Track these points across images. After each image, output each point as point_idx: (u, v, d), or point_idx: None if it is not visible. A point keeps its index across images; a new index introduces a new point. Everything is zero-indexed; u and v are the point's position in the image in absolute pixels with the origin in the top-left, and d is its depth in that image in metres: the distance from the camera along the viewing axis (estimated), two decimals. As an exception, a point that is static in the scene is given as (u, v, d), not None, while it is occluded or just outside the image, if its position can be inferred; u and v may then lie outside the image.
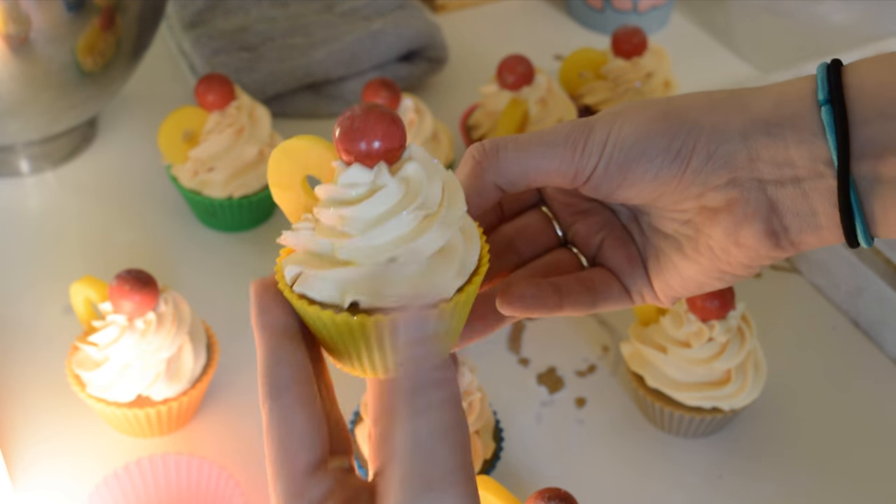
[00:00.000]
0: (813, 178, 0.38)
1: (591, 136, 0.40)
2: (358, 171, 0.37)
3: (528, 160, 0.40)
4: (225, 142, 0.74)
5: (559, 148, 0.40)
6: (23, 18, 0.70)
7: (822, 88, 0.38)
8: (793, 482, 0.63)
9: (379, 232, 0.37)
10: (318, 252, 0.38)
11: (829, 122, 0.37)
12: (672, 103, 0.40)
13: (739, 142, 0.39)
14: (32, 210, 0.82)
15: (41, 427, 0.65)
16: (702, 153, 0.39)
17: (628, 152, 0.40)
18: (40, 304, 0.73)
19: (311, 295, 0.37)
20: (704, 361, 0.61)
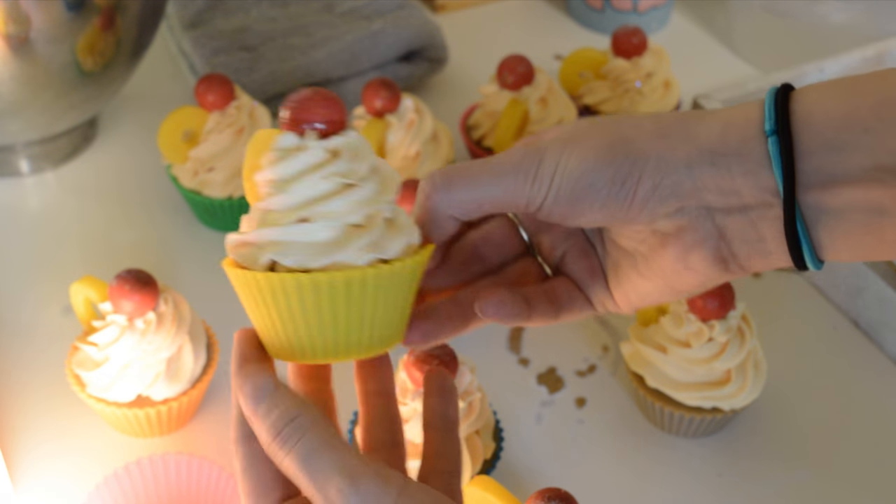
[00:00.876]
0: (760, 207, 0.39)
1: (541, 166, 0.40)
2: (288, 137, 0.39)
3: (479, 190, 0.41)
4: (225, 142, 0.74)
5: (509, 178, 0.40)
6: (23, 18, 0.70)
7: (768, 118, 0.38)
8: (793, 482, 0.63)
9: (293, 190, 0.38)
10: (254, 219, 0.39)
11: (774, 153, 0.37)
12: (620, 131, 0.40)
13: (685, 172, 0.39)
14: (32, 210, 0.82)
15: (41, 427, 0.65)
16: (647, 183, 0.39)
17: (575, 184, 0.40)
18: (40, 304, 0.73)
19: (238, 260, 0.39)
20: (704, 361, 0.61)
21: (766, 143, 0.38)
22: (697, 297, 0.61)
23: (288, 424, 0.37)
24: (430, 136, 0.77)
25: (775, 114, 0.38)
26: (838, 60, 0.85)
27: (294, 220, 0.38)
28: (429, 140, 0.77)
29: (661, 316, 0.64)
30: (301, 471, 0.37)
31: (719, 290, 0.61)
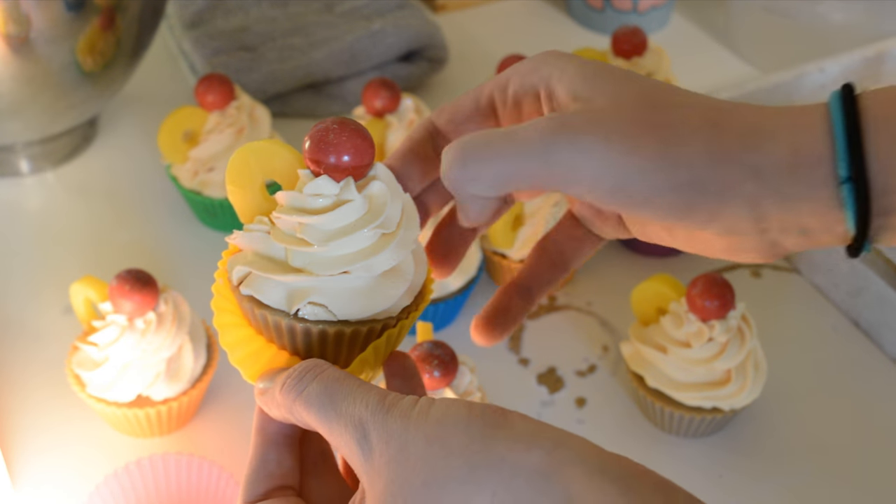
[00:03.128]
0: (823, 231, 0.36)
1: (576, 167, 0.36)
2: (325, 182, 0.38)
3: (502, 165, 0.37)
4: (225, 142, 0.74)
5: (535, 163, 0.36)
6: (23, 18, 0.70)
7: (842, 161, 0.34)
8: (793, 482, 0.63)
9: (338, 245, 0.37)
10: (271, 256, 0.38)
11: (849, 201, 0.35)
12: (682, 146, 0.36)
13: (747, 209, 0.36)
14: (32, 210, 0.82)
15: (41, 427, 0.65)
16: (704, 212, 0.36)
17: (620, 200, 0.37)
18: (40, 304, 0.73)
19: (258, 297, 0.38)
20: (704, 361, 0.61)
21: (838, 186, 0.35)
22: (697, 296, 0.61)
23: (299, 373, 0.37)
24: (430, 136, 0.77)
25: (849, 155, 0.34)
26: (838, 60, 0.85)
27: (336, 273, 0.37)
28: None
29: (661, 316, 0.64)
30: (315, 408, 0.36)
31: (719, 290, 0.61)
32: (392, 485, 0.33)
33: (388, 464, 0.34)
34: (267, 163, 0.39)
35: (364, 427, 0.35)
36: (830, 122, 0.35)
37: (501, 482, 0.32)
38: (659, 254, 0.77)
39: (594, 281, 0.76)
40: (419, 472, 0.33)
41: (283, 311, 0.38)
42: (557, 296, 0.75)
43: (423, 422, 0.34)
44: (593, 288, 0.75)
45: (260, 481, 0.39)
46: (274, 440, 0.40)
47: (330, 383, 0.36)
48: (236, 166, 0.40)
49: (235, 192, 0.40)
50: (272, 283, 0.38)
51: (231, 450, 0.63)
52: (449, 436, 0.33)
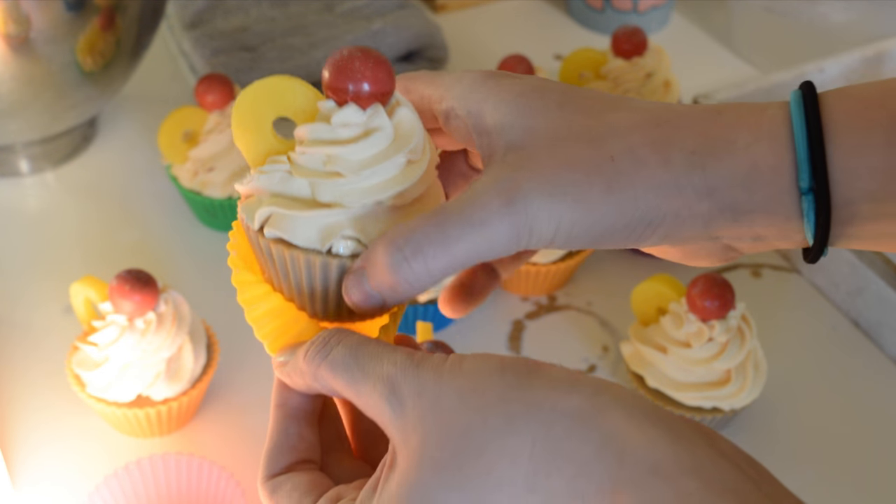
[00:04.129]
0: (779, 239, 0.36)
1: (534, 229, 0.35)
2: (353, 111, 0.36)
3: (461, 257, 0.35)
4: (225, 142, 0.74)
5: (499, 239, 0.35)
6: (23, 18, 0.70)
7: (804, 173, 0.34)
8: (793, 482, 0.63)
9: (370, 174, 0.36)
10: (293, 194, 0.36)
11: (809, 213, 0.34)
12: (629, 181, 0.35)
13: (702, 227, 0.36)
14: (32, 210, 0.82)
15: (41, 427, 0.65)
16: (658, 235, 0.36)
17: (584, 243, 0.36)
18: (40, 304, 0.73)
19: (287, 237, 0.36)
20: (704, 361, 0.61)
21: (797, 197, 0.34)
22: (697, 296, 0.61)
23: (322, 339, 0.36)
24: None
25: (811, 167, 0.33)
26: (838, 60, 0.85)
27: (370, 203, 0.36)
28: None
29: (661, 316, 0.64)
30: (342, 371, 0.35)
31: (719, 290, 0.61)
32: (429, 438, 0.32)
33: (422, 418, 0.33)
34: (279, 100, 0.37)
35: (393, 384, 0.34)
36: (791, 130, 0.34)
37: (541, 429, 0.31)
38: (659, 254, 0.77)
39: (594, 281, 0.76)
40: (455, 423, 0.32)
41: (314, 250, 0.36)
42: (557, 296, 0.75)
43: (457, 374, 0.33)
44: (593, 288, 0.75)
45: (283, 454, 0.38)
46: (294, 415, 0.39)
47: (355, 346, 0.35)
48: (245, 106, 0.38)
49: (244, 135, 0.38)
50: (302, 220, 0.36)
51: (231, 450, 0.63)
52: (484, 386, 0.33)
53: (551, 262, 0.71)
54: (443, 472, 0.32)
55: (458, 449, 0.32)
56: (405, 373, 0.34)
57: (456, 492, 0.32)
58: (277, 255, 0.36)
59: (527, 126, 0.36)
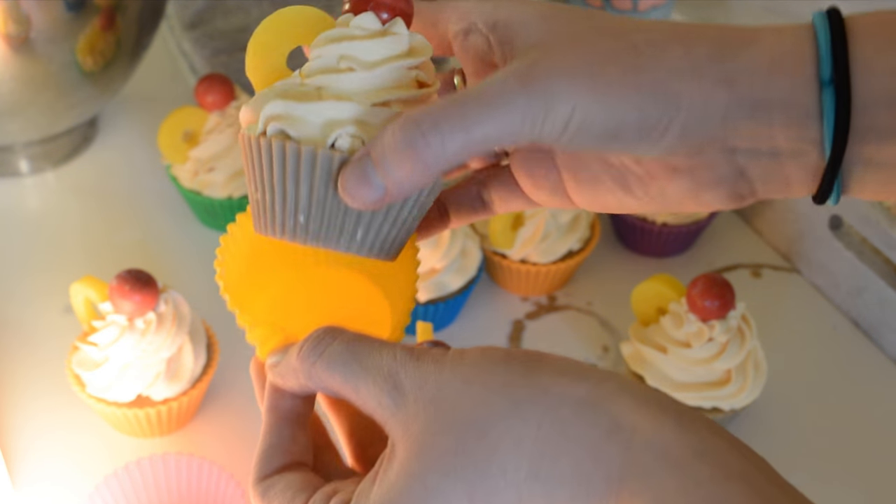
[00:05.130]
0: (794, 154, 0.35)
1: (551, 111, 0.34)
2: (371, 18, 0.36)
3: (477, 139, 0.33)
4: (225, 142, 0.74)
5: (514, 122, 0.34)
6: (23, 18, 0.70)
7: (825, 63, 0.33)
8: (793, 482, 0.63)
9: (383, 72, 0.36)
10: (303, 91, 0.36)
11: (829, 108, 0.34)
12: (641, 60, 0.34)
13: (719, 123, 0.35)
14: (32, 210, 0.82)
15: (41, 427, 0.65)
16: (676, 130, 0.35)
17: (597, 133, 0.34)
18: (40, 304, 0.73)
19: (290, 131, 0.35)
20: (704, 361, 0.61)
21: (818, 91, 0.33)
22: (697, 296, 0.61)
23: (316, 336, 0.36)
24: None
25: (833, 58, 0.33)
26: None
27: (378, 102, 0.35)
28: None
29: (661, 316, 0.64)
30: (339, 367, 0.35)
31: (719, 290, 0.61)
32: (431, 425, 0.32)
33: (424, 407, 0.33)
34: (295, 31, 0.37)
35: (394, 377, 0.33)
36: (814, 30, 0.34)
37: (547, 412, 0.31)
38: (659, 254, 0.77)
39: (594, 281, 0.76)
40: (458, 409, 0.32)
41: (318, 142, 0.35)
42: (557, 296, 0.75)
43: (459, 364, 0.33)
44: (593, 288, 0.75)
45: (275, 457, 0.38)
46: (287, 417, 0.38)
47: (352, 342, 0.35)
48: (262, 37, 0.37)
49: (258, 66, 0.38)
50: (307, 112, 0.35)
51: (231, 450, 0.63)
52: (488, 375, 0.32)
53: (551, 262, 0.71)
54: (444, 458, 0.32)
55: (460, 434, 0.32)
56: (406, 366, 0.34)
57: (457, 479, 0.31)
58: (277, 153, 0.35)
59: (551, 28, 0.36)
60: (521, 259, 0.71)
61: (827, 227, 0.72)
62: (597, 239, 0.73)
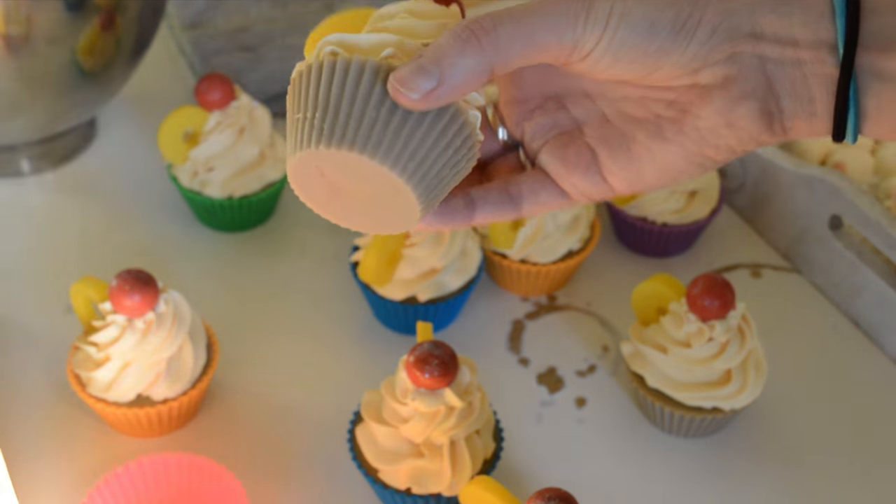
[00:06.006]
0: (815, 63, 0.37)
1: (594, 8, 0.37)
2: None
3: (526, 35, 0.37)
4: (225, 142, 0.74)
5: (560, 20, 0.37)
6: (23, 18, 0.70)
7: None
8: (793, 482, 0.63)
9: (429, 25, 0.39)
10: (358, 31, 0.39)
11: (840, 6, 0.36)
12: None
13: (745, 15, 0.37)
14: (32, 210, 0.82)
15: (41, 427, 0.65)
16: (707, 26, 0.37)
17: (634, 27, 0.37)
18: (40, 304, 0.73)
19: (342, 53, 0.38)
20: (704, 361, 0.61)
21: None
22: (697, 296, 0.61)
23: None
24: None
25: None
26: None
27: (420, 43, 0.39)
28: None
29: (661, 316, 0.64)
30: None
31: (719, 290, 0.61)
32: None
33: None
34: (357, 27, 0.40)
35: None
36: None
37: None
38: (659, 254, 0.77)
39: (594, 281, 0.76)
40: None
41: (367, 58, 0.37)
42: (557, 296, 0.75)
43: None
44: (593, 288, 0.75)
45: None
46: None
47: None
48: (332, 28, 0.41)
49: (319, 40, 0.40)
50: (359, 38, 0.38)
51: (231, 450, 0.63)
52: None
53: (551, 262, 0.71)
54: None
55: None
56: None
57: None
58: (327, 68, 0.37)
59: None
60: (521, 259, 0.71)
61: (827, 227, 0.72)
62: (597, 239, 0.73)
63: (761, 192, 0.78)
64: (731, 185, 0.80)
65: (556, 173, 0.42)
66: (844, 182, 0.70)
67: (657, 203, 0.74)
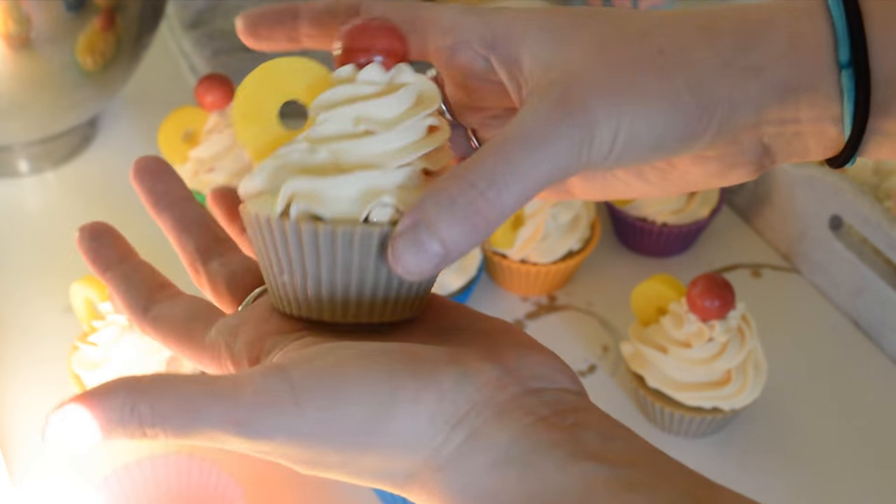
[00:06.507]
0: (815, 133, 0.36)
1: (595, 137, 0.33)
2: (376, 69, 0.34)
3: (530, 186, 0.32)
4: (225, 142, 0.74)
5: (561, 155, 0.33)
6: (23, 18, 0.70)
7: (843, 46, 0.34)
8: (793, 482, 0.63)
9: (403, 129, 0.33)
10: (319, 164, 0.33)
11: (849, 88, 0.34)
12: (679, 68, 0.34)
13: (751, 110, 0.35)
14: (32, 210, 0.82)
15: (41, 427, 0.65)
16: (713, 129, 0.35)
17: (642, 147, 0.34)
18: (40, 304, 0.73)
19: (319, 211, 0.32)
20: (704, 361, 0.61)
21: (837, 72, 0.34)
22: (697, 296, 0.61)
23: None
24: (430, 136, 0.77)
25: (850, 38, 0.34)
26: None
27: (404, 163, 0.33)
28: None
29: (661, 316, 0.64)
30: None
31: (719, 290, 0.61)
32: None
33: None
34: (285, 83, 0.34)
35: None
36: (828, 7, 0.34)
37: None
38: (659, 254, 0.77)
39: (594, 281, 0.76)
40: None
41: (350, 220, 0.32)
42: (557, 296, 0.75)
43: None
44: (593, 288, 0.75)
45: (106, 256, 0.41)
46: None
47: None
48: (248, 94, 0.34)
49: (248, 128, 0.35)
50: (334, 187, 0.32)
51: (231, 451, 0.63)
52: None
53: (551, 263, 0.71)
54: None
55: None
56: None
57: None
58: (307, 236, 0.32)
59: (559, 38, 0.35)
60: (521, 259, 0.71)
61: (827, 227, 0.72)
62: (597, 239, 0.73)
63: (761, 191, 0.78)
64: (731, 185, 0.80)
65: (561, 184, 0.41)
66: (844, 182, 0.70)
67: (657, 203, 0.74)
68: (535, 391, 0.32)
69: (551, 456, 0.30)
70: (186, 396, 0.31)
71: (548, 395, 0.32)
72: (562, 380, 0.33)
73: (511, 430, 0.30)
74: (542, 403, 0.31)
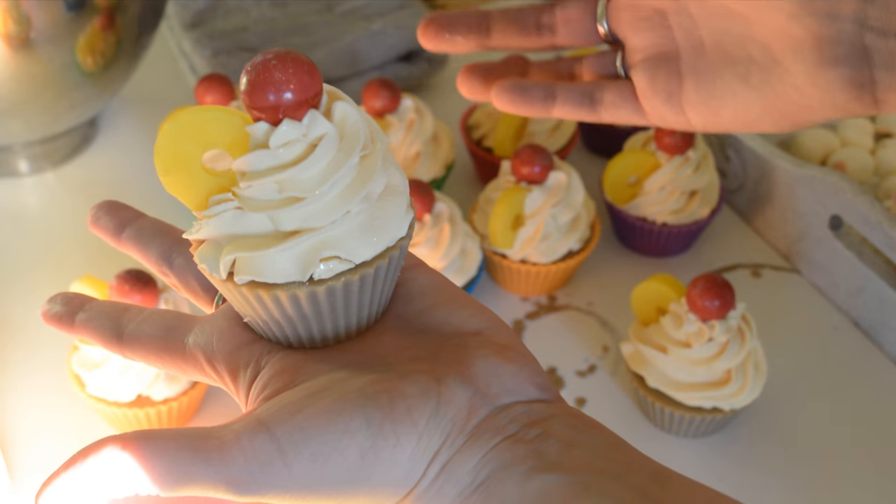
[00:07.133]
0: None
1: None
2: (290, 127, 0.32)
3: None
4: (225, 142, 0.74)
5: None
6: (23, 18, 0.70)
7: None
8: (793, 482, 0.63)
9: (330, 186, 0.33)
10: (253, 232, 0.33)
11: None
12: None
13: None
14: (32, 210, 0.82)
15: (41, 427, 0.65)
16: None
17: None
18: (40, 304, 0.73)
19: (262, 279, 0.33)
20: (705, 361, 0.61)
21: None
22: (697, 296, 0.61)
23: None
24: (430, 136, 0.77)
25: None
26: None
27: (339, 216, 0.33)
28: (429, 140, 0.77)
29: (661, 316, 0.64)
30: None
31: (719, 290, 0.61)
32: None
33: None
34: (203, 134, 0.33)
35: None
36: None
37: None
38: (659, 254, 0.77)
39: (594, 281, 0.76)
40: None
41: (296, 283, 0.33)
42: (557, 296, 0.75)
43: None
44: (593, 288, 0.75)
45: None
46: None
47: None
48: (167, 149, 0.33)
49: (175, 181, 0.34)
50: (273, 256, 0.33)
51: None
52: None
53: (551, 262, 0.71)
54: None
55: None
56: None
57: None
58: (256, 300, 0.34)
59: None
60: (521, 259, 0.71)
61: (827, 227, 0.72)
62: (597, 239, 0.73)
63: (761, 192, 0.78)
64: (731, 185, 0.80)
65: (641, 90, 0.43)
66: (844, 182, 0.70)
67: (657, 203, 0.74)
68: (505, 408, 0.33)
69: (512, 473, 0.31)
70: (177, 461, 0.31)
71: (517, 409, 0.33)
72: (531, 391, 0.33)
73: (478, 455, 0.31)
74: (510, 421, 0.32)
